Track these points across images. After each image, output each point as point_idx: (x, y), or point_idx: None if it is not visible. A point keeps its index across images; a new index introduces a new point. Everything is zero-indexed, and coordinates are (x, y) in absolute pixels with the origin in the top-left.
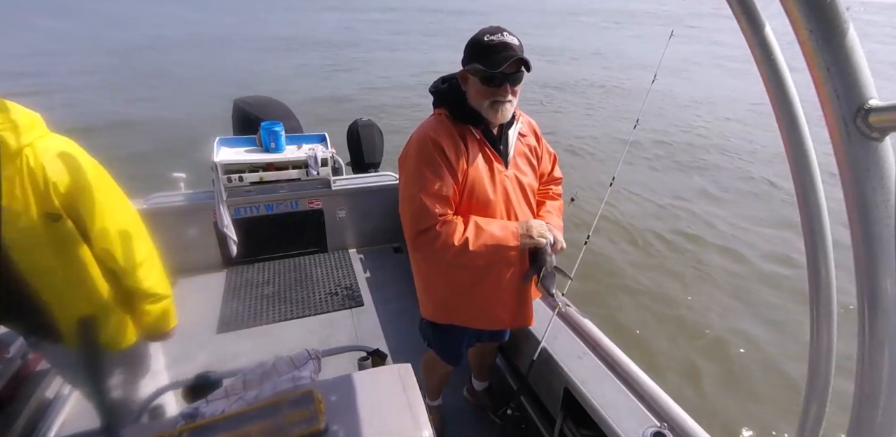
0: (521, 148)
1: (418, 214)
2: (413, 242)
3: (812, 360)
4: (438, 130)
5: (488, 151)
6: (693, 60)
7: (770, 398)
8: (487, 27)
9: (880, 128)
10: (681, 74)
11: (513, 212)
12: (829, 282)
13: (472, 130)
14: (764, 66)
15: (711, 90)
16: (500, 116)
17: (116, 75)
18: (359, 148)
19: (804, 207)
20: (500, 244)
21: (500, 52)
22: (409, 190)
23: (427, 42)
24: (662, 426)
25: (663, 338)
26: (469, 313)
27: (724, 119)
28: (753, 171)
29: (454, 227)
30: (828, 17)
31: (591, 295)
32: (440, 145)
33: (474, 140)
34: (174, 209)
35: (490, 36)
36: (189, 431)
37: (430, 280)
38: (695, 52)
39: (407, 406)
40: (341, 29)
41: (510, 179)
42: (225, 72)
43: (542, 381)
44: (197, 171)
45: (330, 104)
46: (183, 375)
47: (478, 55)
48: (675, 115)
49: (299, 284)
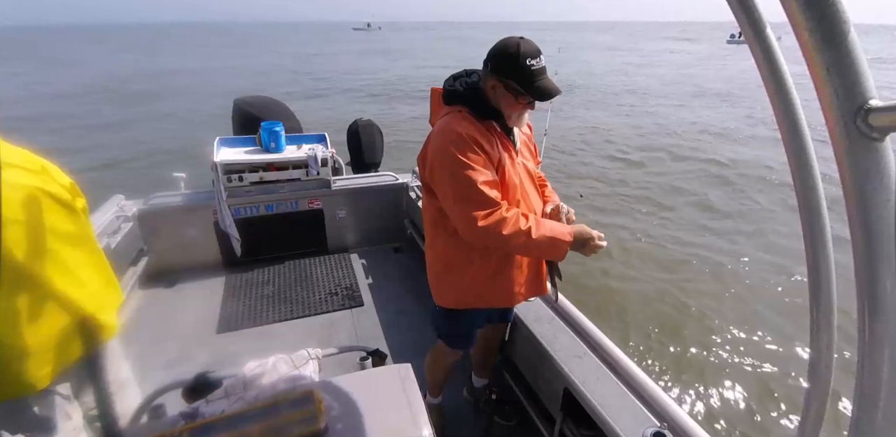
0: (523, 138)
1: (481, 201)
2: (479, 230)
3: (812, 360)
4: (467, 126)
5: (507, 142)
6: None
7: (770, 397)
8: (525, 44)
9: (880, 128)
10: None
11: (527, 196)
12: (829, 282)
13: (495, 125)
14: (764, 66)
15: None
16: (521, 125)
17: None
18: (359, 148)
19: (804, 207)
20: (557, 238)
21: (544, 81)
22: (463, 182)
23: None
24: (662, 426)
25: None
26: (494, 294)
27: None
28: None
29: (517, 214)
30: (828, 17)
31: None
32: (476, 139)
33: (496, 133)
34: (174, 209)
35: (531, 60)
36: (189, 431)
37: (455, 270)
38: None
39: (407, 406)
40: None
41: (520, 166)
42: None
43: (542, 381)
44: (197, 171)
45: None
46: (183, 375)
47: (519, 77)
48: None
49: (299, 284)
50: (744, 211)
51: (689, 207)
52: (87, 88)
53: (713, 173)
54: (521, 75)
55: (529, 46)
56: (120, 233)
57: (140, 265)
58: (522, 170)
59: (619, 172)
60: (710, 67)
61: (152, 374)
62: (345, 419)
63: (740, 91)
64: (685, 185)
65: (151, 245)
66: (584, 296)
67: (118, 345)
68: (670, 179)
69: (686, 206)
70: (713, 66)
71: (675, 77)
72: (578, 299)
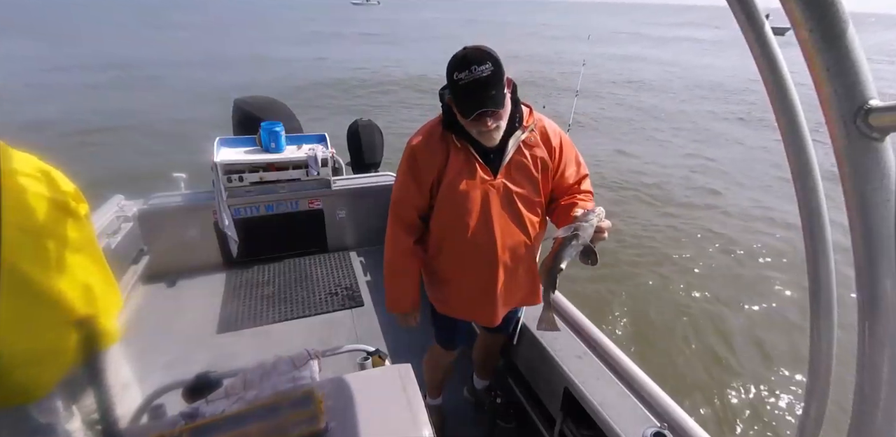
0: (521, 159)
1: (393, 209)
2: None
3: (812, 360)
4: (424, 134)
5: (474, 159)
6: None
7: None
8: (458, 55)
9: (880, 128)
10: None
11: (492, 223)
12: (829, 282)
13: (455, 140)
14: (764, 66)
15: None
16: (489, 142)
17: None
18: (359, 148)
19: (804, 207)
20: (390, 296)
21: (471, 96)
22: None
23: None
24: (662, 426)
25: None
26: (450, 304)
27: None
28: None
29: (400, 236)
30: (828, 17)
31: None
32: (415, 152)
33: (457, 149)
34: (174, 209)
35: (458, 73)
36: (189, 431)
37: (426, 272)
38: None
39: (407, 406)
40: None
41: (496, 188)
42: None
43: (542, 381)
44: (197, 171)
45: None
46: (183, 375)
47: (452, 93)
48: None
49: (299, 284)
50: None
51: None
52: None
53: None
54: (453, 89)
55: (459, 58)
56: (120, 233)
57: (140, 265)
58: (499, 193)
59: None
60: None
61: (152, 374)
62: (345, 420)
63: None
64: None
65: (151, 245)
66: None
67: (118, 347)
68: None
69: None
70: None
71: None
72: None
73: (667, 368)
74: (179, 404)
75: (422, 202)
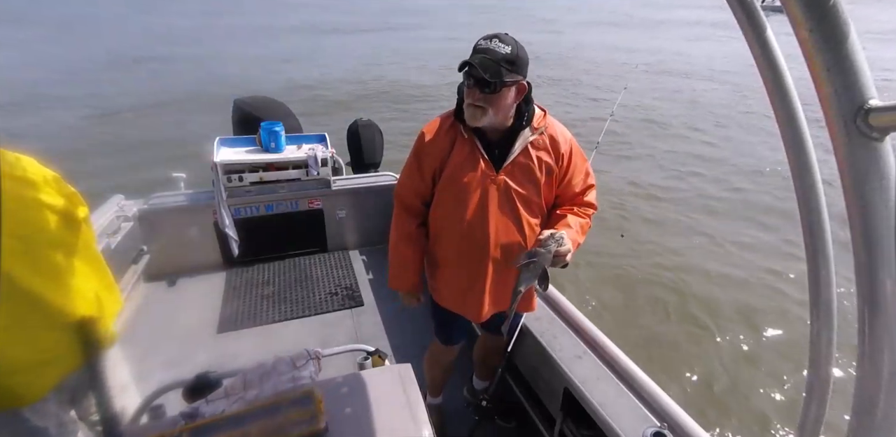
0: (526, 160)
1: (397, 190)
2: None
3: (812, 360)
4: (435, 122)
5: (478, 152)
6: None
7: (770, 396)
8: (492, 33)
9: (880, 128)
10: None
11: (488, 218)
12: (829, 282)
13: (462, 130)
14: (764, 65)
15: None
16: (470, 119)
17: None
18: (359, 148)
19: (804, 207)
20: (394, 272)
21: (474, 54)
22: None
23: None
24: (662, 426)
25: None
26: (442, 293)
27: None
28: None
29: (402, 218)
30: (828, 17)
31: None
32: (424, 138)
33: (463, 139)
34: (174, 209)
35: (481, 40)
36: (189, 431)
37: (427, 262)
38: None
39: (407, 406)
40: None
41: (497, 184)
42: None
43: (541, 381)
44: (197, 171)
45: None
46: (183, 375)
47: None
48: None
49: (299, 284)
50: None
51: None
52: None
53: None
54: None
55: (492, 33)
56: (120, 233)
57: (140, 265)
58: (499, 189)
59: None
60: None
61: (152, 374)
62: (345, 419)
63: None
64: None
65: (151, 245)
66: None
67: (117, 348)
68: None
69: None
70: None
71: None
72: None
73: (669, 367)
74: (179, 404)
75: (424, 189)
